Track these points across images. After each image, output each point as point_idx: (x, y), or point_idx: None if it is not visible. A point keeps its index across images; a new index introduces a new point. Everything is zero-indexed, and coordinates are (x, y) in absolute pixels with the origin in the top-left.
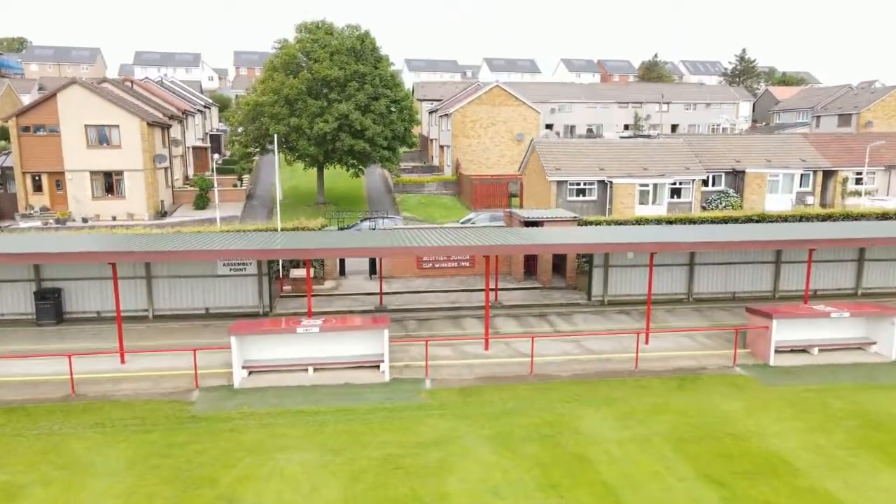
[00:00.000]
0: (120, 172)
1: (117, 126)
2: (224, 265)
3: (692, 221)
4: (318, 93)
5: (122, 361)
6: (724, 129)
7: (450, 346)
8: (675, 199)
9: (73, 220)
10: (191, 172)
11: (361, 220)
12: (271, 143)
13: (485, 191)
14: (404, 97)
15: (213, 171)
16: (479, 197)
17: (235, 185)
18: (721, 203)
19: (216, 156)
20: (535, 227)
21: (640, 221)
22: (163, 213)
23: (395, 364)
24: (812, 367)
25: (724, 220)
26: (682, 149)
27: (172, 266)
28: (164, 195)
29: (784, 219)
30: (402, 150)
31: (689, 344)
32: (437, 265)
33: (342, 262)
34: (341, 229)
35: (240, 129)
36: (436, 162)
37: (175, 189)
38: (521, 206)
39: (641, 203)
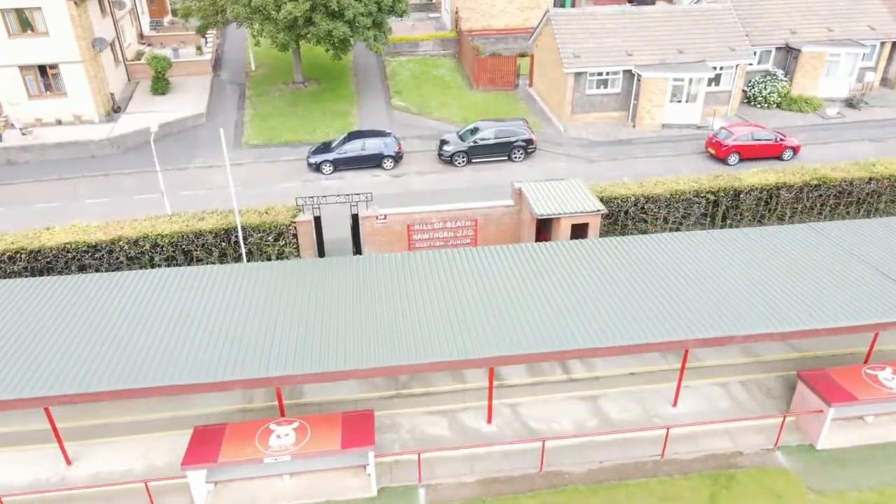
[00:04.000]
0: (55, 65)
1: (39, 7)
2: None
3: (737, 192)
4: None
5: (68, 463)
6: None
7: (447, 415)
8: (713, 88)
9: (13, 128)
10: (146, 25)
11: (345, 139)
12: (233, 19)
13: (488, 66)
14: None
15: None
16: (482, 73)
17: (199, 48)
18: (766, 88)
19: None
20: (546, 239)
21: (673, 196)
22: (116, 109)
23: (382, 460)
24: (865, 450)
25: (777, 188)
26: (727, 19)
27: None
28: (115, 78)
29: (850, 183)
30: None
31: (723, 404)
32: (433, 245)
33: (321, 245)
34: (321, 148)
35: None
36: None
37: (128, 63)
38: (530, 84)
39: (674, 99)
